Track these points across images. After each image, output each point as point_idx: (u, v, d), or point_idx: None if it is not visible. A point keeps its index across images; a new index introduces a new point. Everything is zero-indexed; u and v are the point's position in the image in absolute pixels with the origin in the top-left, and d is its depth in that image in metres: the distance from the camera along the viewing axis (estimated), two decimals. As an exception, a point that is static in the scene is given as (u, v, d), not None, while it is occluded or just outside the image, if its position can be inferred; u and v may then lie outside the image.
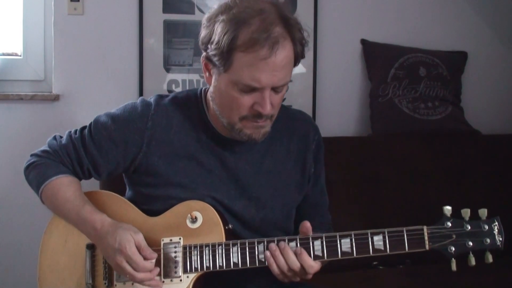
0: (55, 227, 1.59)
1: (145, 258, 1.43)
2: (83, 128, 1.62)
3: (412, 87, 2.73)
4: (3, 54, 2.56)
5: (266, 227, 1.56)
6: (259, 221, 1.57)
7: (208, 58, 1.47)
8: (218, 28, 1.41)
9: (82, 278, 1.54)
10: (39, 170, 1.58)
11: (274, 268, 1.41)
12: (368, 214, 2.46)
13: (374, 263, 2.35)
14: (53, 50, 2.50)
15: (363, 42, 2.78)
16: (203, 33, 1.47)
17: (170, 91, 2.59)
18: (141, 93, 2.57)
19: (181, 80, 2.62)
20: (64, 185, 1.55)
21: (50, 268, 1.57)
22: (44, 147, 1.62)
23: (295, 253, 1.41)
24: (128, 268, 1.42)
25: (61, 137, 1.63)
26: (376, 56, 2.76)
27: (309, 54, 2.71)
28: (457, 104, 2.80)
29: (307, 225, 1.44)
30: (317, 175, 1.68)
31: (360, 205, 2.47)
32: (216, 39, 1.40)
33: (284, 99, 2.68)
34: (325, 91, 2.77)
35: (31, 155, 1.63)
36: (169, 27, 2.59)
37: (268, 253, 1.42)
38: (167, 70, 2.61)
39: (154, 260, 1.45)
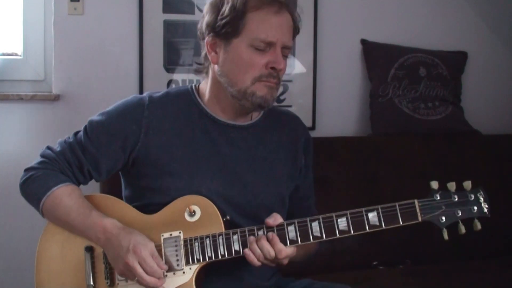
0: (50, 235, 1.58)
1: None
2: (77, 132, 1.62)
3: (412, 87, 2.73)
4: (3, 54, 2.56)
5: (262, 213, 1.56)
6: (256, 207, 1.59)
7: (215, 35, 1.55)
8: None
9: (82, 281, 1.53)
10: (38, 183, 1.57)
11: (252, 259, 1.45)
12: (368, 214, 2.46)
13: (374, 263, 2.35)
14: (53, 50, 2.50)
15: (363, 42, 2.78)
16: (207, 17, 1.57)
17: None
18: (141, 93, 2.56)
19: (181, 80, 2.62)
20: (66, 195, 1.55)
21: (48, 275, 1.56)
22: (39, 158, 1.61)
23: (268, 239, 1.45)
24: (139, 269, 1.44)
25: (53, 146, 1.62)
26: (376, 56, 2.76)
27: (309, 54, 2.74)
28: (457, 104, 2.80)
29: (276, 217, 1.49)
30: (307, 167, 1.72)
31: (360, 205, 2.46)
32: (230, 5, 1.51)
33: (284, 100, 2.70)
34: (325, 91, 2.77)
35: (26, 170, 1.61)
36: (169, 27, 2.59)
37: (247, 250, 1.46)
38: (167, 70, 2.61)
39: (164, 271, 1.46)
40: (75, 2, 2.49)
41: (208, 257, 1.48)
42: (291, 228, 1.47)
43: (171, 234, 1.50)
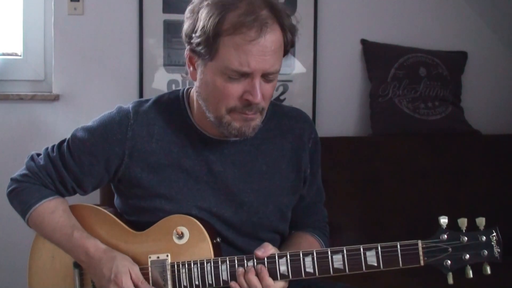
0: (41, 244, 1.55)
1: None
2: (61, 143, 1.54)
3: (412, 87, 2.73)
4: (3, 54, 2.56)
5: (259, 231, 1.51)
6: (251, 226, 1.50)
7: (192, 50, 1.39)
8: (203, 13, 1.34)
9: None
10: (21, 198, 1.53)
11: None
12: (368, 214, 2.46)
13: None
14: (53, 50, 2.50)
15: (363, 42, 2.78)
16: (186, 25, 1.40)
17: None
18: (141, 93, 2.57)
19: (181, 80, 2.62)
20: (49, 212, 1.50)
21: (39, 285, 1.55)
22: (23, 170, 1.55)
23: (256, 272, 1.37)
24: None
25: (38, 155, 1.56)
26: (376, 56, 2.76)
27: (309, 54, 2.74)
28: (457, 104, 2.80)
29: (266, 248, 1.41)
30: (313, 175, 1.60)
31: (360, 205, 2.47)
32: (201, 24, 1.33)
33: (284, 99, 2.70)
34: (325, 91, 2.77)
35: (11, 179, 1.56)
36: (169, 27, 2.59)
37: (233, 284, 1.38)
38: (167, 70, 2.61)
39: None
40: (75, 2, 2.49)
41: (196, 285, 1.41)
42: (282, 261, 1.37)
43: (158, 257, 1.44)
